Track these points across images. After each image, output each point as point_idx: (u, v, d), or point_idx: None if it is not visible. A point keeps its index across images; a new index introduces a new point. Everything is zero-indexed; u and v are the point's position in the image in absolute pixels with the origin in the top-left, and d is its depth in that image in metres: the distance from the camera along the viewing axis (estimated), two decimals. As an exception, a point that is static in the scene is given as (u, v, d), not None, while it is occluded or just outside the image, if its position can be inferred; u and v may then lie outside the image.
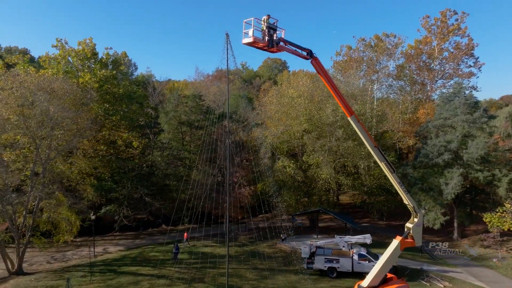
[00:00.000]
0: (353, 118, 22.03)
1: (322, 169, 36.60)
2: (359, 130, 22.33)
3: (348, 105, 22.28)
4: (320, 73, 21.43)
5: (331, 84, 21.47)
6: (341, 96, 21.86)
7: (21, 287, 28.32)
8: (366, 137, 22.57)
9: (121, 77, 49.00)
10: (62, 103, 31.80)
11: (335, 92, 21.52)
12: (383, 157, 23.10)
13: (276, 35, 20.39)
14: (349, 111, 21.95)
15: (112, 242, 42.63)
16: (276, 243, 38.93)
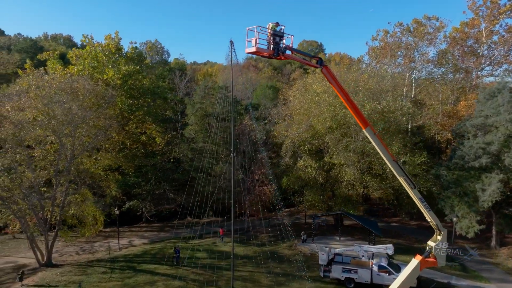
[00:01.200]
0: (369, 130, 20.20)
1: (346, 169, 34.77)
2: (376, 143, 20.49)
3: (363, 116, 20.43)
4: (331, 82, 19.71)
5: (344, 93, 19.67)
6: (355, 106, 20.04)
7: (47, 281, 29.79)
8: (384, 150, 20.71)
9: (148, 70, 49.04)
10: (82, 103, 32.27)
11: (348, 102, 19.73)
12: (402, 172, 21.19)
13: (283, 42, 18.89)
14: (364, 123, 20.14)
15: (138, 234, 43.90)
16: (296, 243, 38.06)
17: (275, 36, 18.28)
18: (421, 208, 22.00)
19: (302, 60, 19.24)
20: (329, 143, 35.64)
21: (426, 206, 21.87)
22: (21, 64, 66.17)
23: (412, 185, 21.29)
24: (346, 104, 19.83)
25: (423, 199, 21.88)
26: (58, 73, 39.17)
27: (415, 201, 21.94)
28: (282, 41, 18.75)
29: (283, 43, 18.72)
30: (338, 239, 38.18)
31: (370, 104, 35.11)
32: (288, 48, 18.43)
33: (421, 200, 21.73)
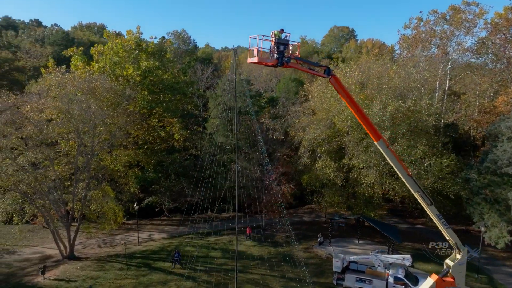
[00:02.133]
0: (381, 143, 18.83)
1: (366, 172, 33.26)
2: (389, 157, 19.10)
3: (374, 128, 19.02)
4: (341, 93, 18.39)
5: (354, 104, 18.34)
6: (365, 117, 18.67)
7: (67, 275, 31.00)
8: (398, 165, 19.30)
9: (169, 65, 48.96)
10: (100, 102, 32.68)
11: (359, 113, 18.40)
12: (418, 187, 19.72)
13: (288, 50, 17.75)
14: (376, 135, 18.77)
15: (158, 228, 44.76)
16: (312, 245, 37.26)
17: (279, 44, 17.23)
18: (438, 225, 20.52)
19: (308, 70, 18.04)
20: (348, 144, 34.12)
21: (444, 223, 20.36)
22: (53, 57, 68.51)
23: (428, 201, 19.80)
24: (356, 115, 18.53)
25: (440, 216, 20.36)
26: (80, 70, 39.94)
27: (432, 217, 20.43)
28: (287, 49, 17.67)
29: (288, 52, 17.63)
30: (357, 242, 36.95)
31: (394, 103, 33.10)
32: (293, 58, 17.32)
33: (439, 217, 20.22)
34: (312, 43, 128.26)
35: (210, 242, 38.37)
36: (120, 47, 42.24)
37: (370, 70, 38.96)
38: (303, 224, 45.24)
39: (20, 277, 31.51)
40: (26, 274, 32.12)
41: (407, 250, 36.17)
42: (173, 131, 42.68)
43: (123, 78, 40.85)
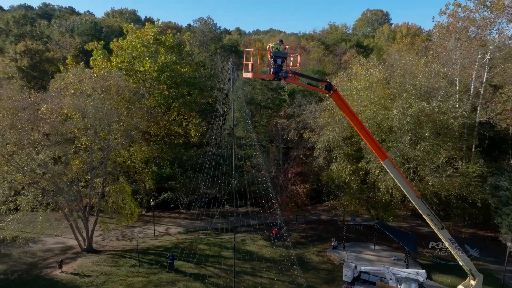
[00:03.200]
0: (387, 162, 17.45)
1: (383, 177, 31.58)
2: (396, 177, 17.71)
3: (380, 147, 17.63)
4: (343, 108, 17.11)
5: (358, 122, 17.00)
6: (369, 135, 17.28)
7: (83, 269, 32.09)
8: (406, 186, 17.89)
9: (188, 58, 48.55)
10: (113, 102, 32.87)
11: (363, 130, 17.07)
12: (428, 210, 18.25)
13: (285, 64, 16.60)
14: (382, 154, 17.40)
15: (175, 221, 45.39)
16: (326, 249, 36.34)
17: (276, 58, 16.13)
18: (451, 250, 19.02)
19: (308, 85, 16.84)
20: (365, 148, 32.41)
21: (457, 248, 18.86)
22: (81, 47, 70.08)
23: (439, 225, 18.32)
24: (361, 133, 17.20)
25: (453, 241, 18.85)
26: (98, 65, 40.35)
27: (443, 241, 18.95)
28: (285, 63, 16.53)
29: (286, 65, 16.49)
30: (373, 247, 35.61)
31: (417, 104, 30.89)
32: (291, 72, 16.16)
33: (451, 241, 18.73)
34: (343, 27, 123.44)
35: (223, 241, 38.33)
36: (138, 41, 42.17)
37: (394, 66, 36.46)
38: (320, 223, 44.28)
39: (41, 268, 33.00)
40: (46, 266, 33.62)
41: (426, 259, 34.49)
42: (190, 127, 42.49)
43: (141, 73, 40.89)
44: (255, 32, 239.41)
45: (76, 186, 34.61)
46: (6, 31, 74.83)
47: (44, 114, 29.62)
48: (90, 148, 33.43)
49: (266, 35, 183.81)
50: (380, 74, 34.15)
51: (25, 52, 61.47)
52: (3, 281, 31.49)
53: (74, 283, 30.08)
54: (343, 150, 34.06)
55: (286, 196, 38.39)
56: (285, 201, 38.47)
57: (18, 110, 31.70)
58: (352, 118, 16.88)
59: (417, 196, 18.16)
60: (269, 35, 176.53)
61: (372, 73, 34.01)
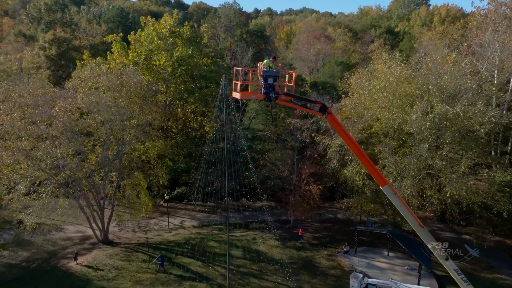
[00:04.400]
0: (387, 188, 16.23)
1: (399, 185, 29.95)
2: (397, 204, 16.51)
3: (378, 172, 16.38)
4: (338, 131, 15.93)
5: (355, 146, 15.79)
6: (368, 161, 16.05)
7: (96, 263, 33.23)
8: (408, 215, 16.69)
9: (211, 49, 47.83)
10: (125, 100, 33.01)
11: (360, 155, 15.88)
12: (432, 239, 16.94)
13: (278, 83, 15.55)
14: (381, 180, 16.19)
15: (191, 214, 45.91)
16: (338, 252, 35.47)
17: (267, 77, 15.11)
18: (457, 281, 17.70)
19: (301, 106, 15.74)
20: (379, 155, 30.75)
21: (464, 280, 17.51)
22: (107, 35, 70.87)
23: (444, 256, 17.01)
24: (358, 156, 16.02)
25: (460, 271, 17.52)
26: (116, 60, 40.57)
27: (450, 273, 17.65)
28: (277, 82, 15.48)
29: (277, 86, 15.44)
30: (386, 254, 34.37)
31: (440, 107, 28.72)
32: (282, 94, 15.12)
33: (458, 272, 17.41)
34: (377, 9, 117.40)
35: (235, 238, 38.36)
36: (155, 34, 41.83)
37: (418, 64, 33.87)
38: (336, 223, 43.24)
39: (59, 258, 34.56)
40: (64, 255, 35.16)
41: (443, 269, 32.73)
42: (205, 122, 42.16)
43: (157, 68, 40.75)
44: (287, 11, 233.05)
45: (92, 180, 35.50)
46: (38, 18, 77.00)
47: (57, 113, 30.16)
48: (104, 142, 33.92)
49: (298, 16, 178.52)
50: (402, 73, 31.90)
51: (53, 41, 63.08)
52: (25, 269, 33.31)
53: (87, 276, 31.27)
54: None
55: (299, 196, 37.58)
56: (297, 201, 37.68)
57: (38, 105, 32.67)
58: (348, 141, 15.70)
59: (420, 225, 16.90)
60: (301, 16, 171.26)
61: (393, 71, 31.82)
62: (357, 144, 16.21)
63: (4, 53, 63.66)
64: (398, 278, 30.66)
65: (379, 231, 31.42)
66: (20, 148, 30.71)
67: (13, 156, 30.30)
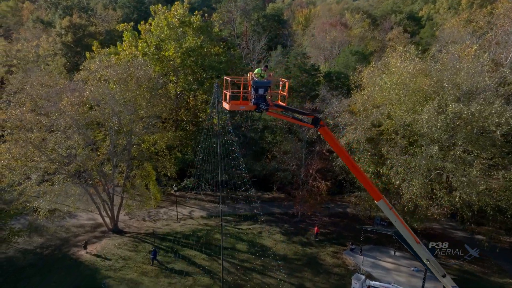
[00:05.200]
0: (382, 203, 15.61)
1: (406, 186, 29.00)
2: (392, 219, 15.92)
3: (374, 187, 15.73)
4: (332, 144, 15.31)
5: (348, 160, 15.15)
6: (362, 174, 15.42)
7: (105, 252, 34.16)
8: (404, 230, 16.07)
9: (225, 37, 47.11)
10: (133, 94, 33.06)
11: (354, 169, 15.24)
12: (428, 255, 16.31)
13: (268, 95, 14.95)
14: (376, 195, 15.57)
15: (200, 204, 46.28)
16: (343, 250, 35.10)
17: (257, 87, 14.56)
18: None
19: (292, 118, 15.12)
20: (387, 155, 29.73)
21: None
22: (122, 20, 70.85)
23: (441, 272, 16.40)
24: (353, 171, 15.40)
25: None
26: (125, 51, 40.51)
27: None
28: (268, 92, 14.89)
29: (268, 95, 14.85)
30: (393, 254, 33.78)
31: (453, 106, 27.34)
32: (272, 105, 14.57)
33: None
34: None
35: (241, 231, 38.52)
36: (165, 23, 41.37)
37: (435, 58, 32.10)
38: (345, 217, 42.70)
39: (70, 246, 35.70)
40: (76, 243, 36.29)
41: (453, 271, 31.98)
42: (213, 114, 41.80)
43: (166, 59, 40.47)
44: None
45: (102, 170, 36.08)
46: (56, 3, 77.57)
47: (64, 107, 30.54)
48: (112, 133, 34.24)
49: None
50: (416, 68, 30.40)
51: (70, 27, 63.57)
52: (38, 255, 34.66)
53: (95, 265, 32.23)
54: (366, 151, 31.56)
55: (306, 191, 37.16)
56: (305, 196, 37.29)
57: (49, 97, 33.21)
58: (342, 155, 15.07)
59: (416, 241, 16.26)
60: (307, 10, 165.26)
61: (406, 67, 30.37)
62: (351, 159, 15.54)
63: (23, 39, 64.87)
64: (403, 279, 30.19)
65: (384, 231, 30.75)
66: (32, 139, 31.44)
67: (24, 147, 31.07)
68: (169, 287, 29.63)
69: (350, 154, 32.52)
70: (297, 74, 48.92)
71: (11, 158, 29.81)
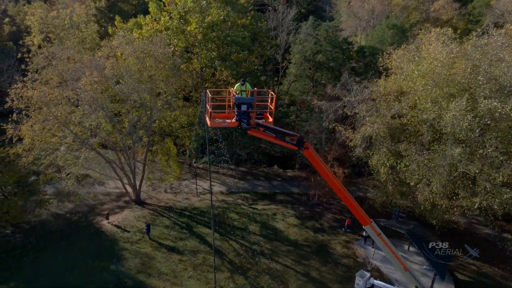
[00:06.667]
0: (369, 229, 14.77)
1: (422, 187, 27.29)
2: (380, 245, 15.03)
3: (362, 213, 14.78)
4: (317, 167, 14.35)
5: (334, 182, 14.26)
6: (348, 199, 14.50)
7: (125, 223, 36.13)
8: (393, 258, 15.23)
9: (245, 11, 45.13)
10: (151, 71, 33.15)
11: (341, 194, 14.36)
12: (418, 283, 15.46)
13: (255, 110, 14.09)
14: (363, 220, 14.73)
15: (221, 179, 47.02)
16: (356, 239, 34.55)
17: (239, 104, 13.78)
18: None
19: (276, 138, 14.23)
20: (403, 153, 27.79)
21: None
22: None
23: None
24: (338, 194, 14.55)
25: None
26: (147, 25, 40.07)
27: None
28: (253, 108, 14.04)
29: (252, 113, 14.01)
30: (406, 249, 32.77)
31: (486, 103, 24.72)
32: (253, 124, 13.79)
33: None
34: None
35: (256, 212, 38.92)
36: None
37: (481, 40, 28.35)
38: (363, 202, 41.57)
39: (95, 214, 38.16)
40: (101, 211, 38.73)
41: (469, 273, 30.62)
42: (233, 92, 41.02)
43: (189, 34, 39.62)
44: None
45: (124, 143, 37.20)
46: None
47: (84, 86, 31.26)
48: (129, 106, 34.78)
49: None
50: (449, 56, 27.38)
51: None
52: (67, 220, 37.54)
53: (114, 236, 34.37)
54: (386, 143, 29.75)
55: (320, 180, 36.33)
56: (321, 182, 36.57)
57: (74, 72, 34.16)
58: (327, 178, 14.13)
59: (405, 269, 15.40)
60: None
61: (437, 55, 27.43)
62: (337, 181, 14.56)
63: (61, 4, 66.10)
64: (413, 278, 29.38)
65: (398, 228, 29.60)
66: (58, 115, 32.84)
67: (52, 121, 32.48)
68: (180, 264, 31.10)
69: (368, 147, 31.06)
70: (327, 48, 46.19)
71: (39, 133, 31.36)
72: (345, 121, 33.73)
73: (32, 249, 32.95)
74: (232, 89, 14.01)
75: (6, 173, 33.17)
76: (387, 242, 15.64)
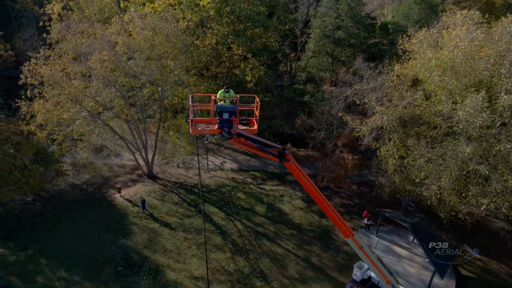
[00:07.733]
0: (351, 242, 14.46)
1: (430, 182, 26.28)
2: (363, 258, 14.78)
3: (343, 225, 14.41)
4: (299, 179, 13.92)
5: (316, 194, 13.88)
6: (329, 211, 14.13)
7: (136, 197, 37.33)
8: (375, 271, 14.95)
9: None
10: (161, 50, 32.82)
11: (323, 205, 13.99)
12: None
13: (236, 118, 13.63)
14: (345, 232, 14.35)
15: (233, 155, 47.27)
16: (361, 226, 34.30)
17: (221, 112, 13.37)
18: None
19: (258, 149, 13.79)
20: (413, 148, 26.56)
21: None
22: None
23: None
24: (320, 205, 14.20)
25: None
26: (160, 0, 39.18)
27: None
28: (235, 116, 13.60)
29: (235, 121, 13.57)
30: (411, 240, 32.31)
31: (506, 99, 23.04)
32: (234, 133, 13.43)
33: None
34: None
35: (263, 192, 39.16)
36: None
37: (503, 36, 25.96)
38: (374, 187, 40.87)
39: (109, 187, 39.63)
40: (114, 184, 40.18)
41: (475, 269, 30.01)
42: (246, 71, 39.97)
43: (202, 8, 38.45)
44: None
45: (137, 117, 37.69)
46: None
47: (94, 64, 31.39)
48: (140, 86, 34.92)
49: None
50: (473, 44, 25.27)
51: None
52: (83, 191, 39.31)
53: (125, 210, 35.77)
54: (397, 134, 28.55)
55: (332, 162, 35.79)
56: (330, 167, 36.07)
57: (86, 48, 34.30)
58: (309, 190, 13.69)
59: (387, 282, 15.11)
60: None
61: (458, 43, 25.38)
62: (319, 194, 14.10)
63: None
64: (414, 270, 29.28)
65: (402, 222, 29.00)
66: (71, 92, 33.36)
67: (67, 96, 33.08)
68: (184, 241, 32.21)
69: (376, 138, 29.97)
70: (348, 24, 43.84)
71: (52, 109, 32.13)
72: (357, 108, 32.38)
73: (50, 218, 34.90)
74: (214, 96, 13.58)
75: (25, 145, 34.63)
76: (369, 255, 15.39)
